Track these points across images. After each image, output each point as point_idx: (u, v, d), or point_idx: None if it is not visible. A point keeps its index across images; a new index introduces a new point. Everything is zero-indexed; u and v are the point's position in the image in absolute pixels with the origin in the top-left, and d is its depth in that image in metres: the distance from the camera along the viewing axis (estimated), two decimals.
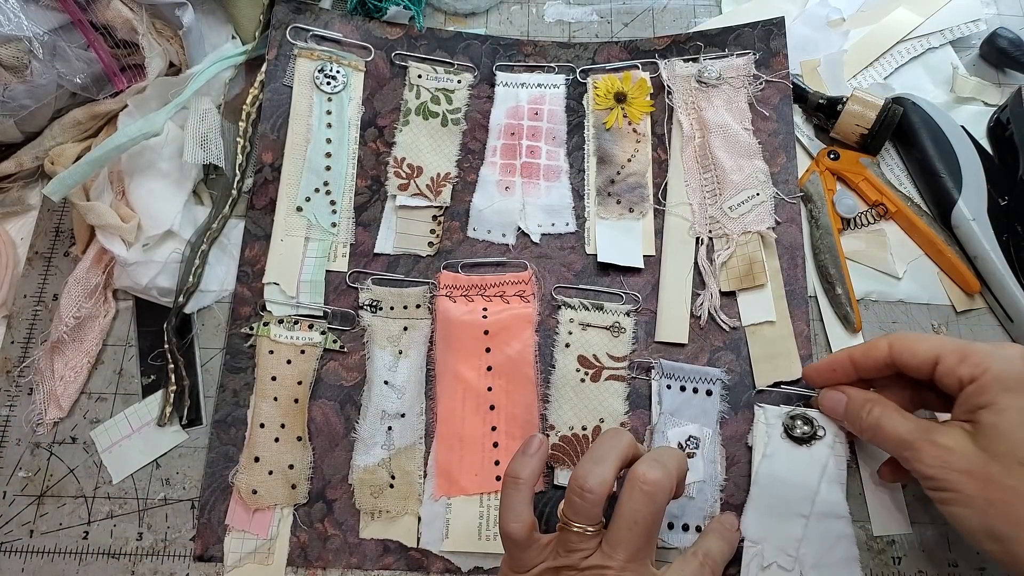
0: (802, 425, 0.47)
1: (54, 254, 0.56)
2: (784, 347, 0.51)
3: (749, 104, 0.57)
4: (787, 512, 0.46)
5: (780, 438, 0.48)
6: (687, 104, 0.57)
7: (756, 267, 0.52)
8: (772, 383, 0.50)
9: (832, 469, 0.47)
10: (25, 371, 0.53)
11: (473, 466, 0.50)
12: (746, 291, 0.53)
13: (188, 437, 0.51)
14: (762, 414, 0.49)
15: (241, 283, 0.54)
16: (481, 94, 0.59)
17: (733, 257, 0.53)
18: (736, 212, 0.54)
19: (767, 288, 0.52)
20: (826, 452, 0.47)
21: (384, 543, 0.48)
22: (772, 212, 0.54)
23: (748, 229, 0.53)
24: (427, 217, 0.56)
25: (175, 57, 0.57)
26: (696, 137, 0.56)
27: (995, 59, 0.61)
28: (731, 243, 0.53)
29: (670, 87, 0.58)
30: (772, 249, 0.53)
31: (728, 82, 0.57)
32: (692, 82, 0.58)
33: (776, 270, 0.53)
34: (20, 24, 0.51)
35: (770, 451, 0.48)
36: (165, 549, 0.49)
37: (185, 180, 0.55)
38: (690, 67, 0.58)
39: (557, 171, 0.57)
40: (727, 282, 0.53)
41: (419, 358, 0.52)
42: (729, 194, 0.54)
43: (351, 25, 0.60)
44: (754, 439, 0.48)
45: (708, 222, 0.54)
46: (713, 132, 0.56)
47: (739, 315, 0.52)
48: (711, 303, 0.52)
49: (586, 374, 0.51)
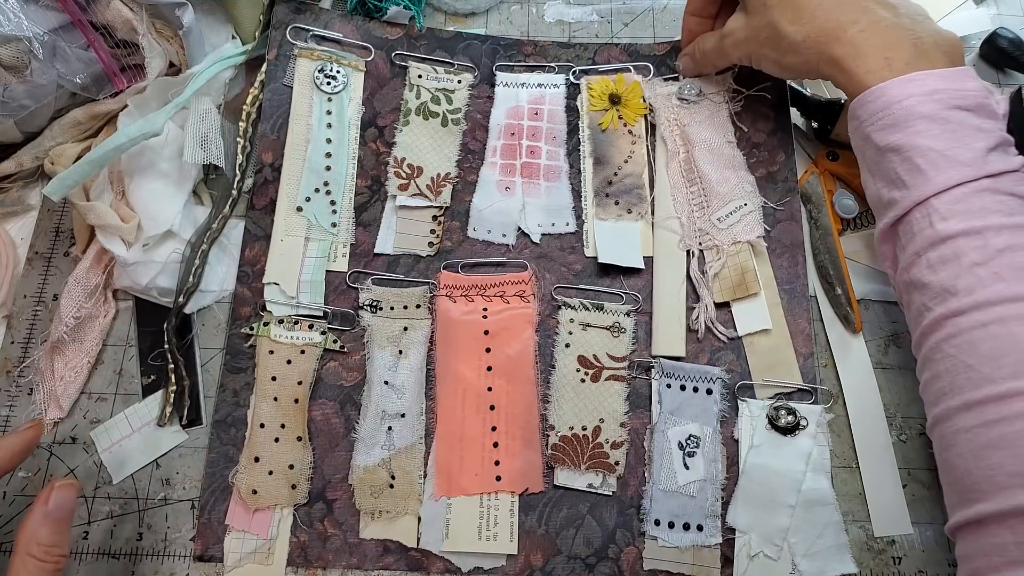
0: (786, 416, 0.49)
1: (54, 254, 0.56)
2: (782, 355, 0.51)
3: (731, 118, 0.57)
4: (774, 502, 0.47)
5: (765, 429, 0.49)
6: (669, 121, 0.57)
7: (748, 276, 0.52)
8: (773, 394, 0.51)
9: (816, 458, 0.48)
10: (25, 371, 0.53)
11: (473, 466, 0.50)
12: (740, 301, 0.53)
13: (188, 437, 0.51)
14: (746, 407, 0.50)
15: (241, 283, 0.54)
16: (481, 94, 0.59)
17: (725, 268, 0.53)
18: (725, 223, 0.54)
19: (761, 296, 0.52)
20: (809, 442, 0.49)
21: (384, 543, 0.48)
22: (761, 221, 0.54)
23: (738, 239, 0.53)
24: (427, 217, 0.56)
25: (175, 57, 0.57)
26: (680, 152, 0.56)
27: (995, 59, 0.61)
28: (722, 254, 0.53)
29: (652, 105, 0.58)
30: (764, 258, 0.53)
31: (709, 98, 0.57)
32: (673, 100, 0.58)
33: (769, 278, 0.53)
34: (20, 24, 0.51)
35: (756, 442, 0.49)
36: (165, 549, 0.49)
37: (185, 180, 0.55)
38: (670, 86, 0.58)
39: (557, 171, 0.57)
40: (720, 293, 0.53)
41: (419, 358, 0.52)
42: (716, 206, 0.54)
43: (351, 25, 0.60)
44: (740, 432, 0.49)
45: (697, 234, 0.54)
46: (697, 147, 0.56)
47: (735, 326, 0.52)
48: (707, 315, 0.52)
49: (586, 374, 0.51)
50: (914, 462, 0.50)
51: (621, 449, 0.49)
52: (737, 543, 0.47)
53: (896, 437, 0.50)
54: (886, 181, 0.44)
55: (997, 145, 0.41)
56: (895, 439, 0.50)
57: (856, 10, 0.45)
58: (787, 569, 0.46)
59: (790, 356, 0.51)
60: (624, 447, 0.50)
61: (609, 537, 0.48)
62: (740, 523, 0.47)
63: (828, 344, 0.53)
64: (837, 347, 0.52)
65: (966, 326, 0.39)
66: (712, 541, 0.47)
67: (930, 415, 0.41)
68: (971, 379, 0.38)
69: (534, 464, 0.50)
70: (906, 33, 0.44)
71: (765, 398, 0.50)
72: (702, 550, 0.47)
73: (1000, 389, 0.37)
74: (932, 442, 0.42)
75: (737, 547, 0.47)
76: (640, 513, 0.48)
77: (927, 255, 0.41)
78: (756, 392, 0.51)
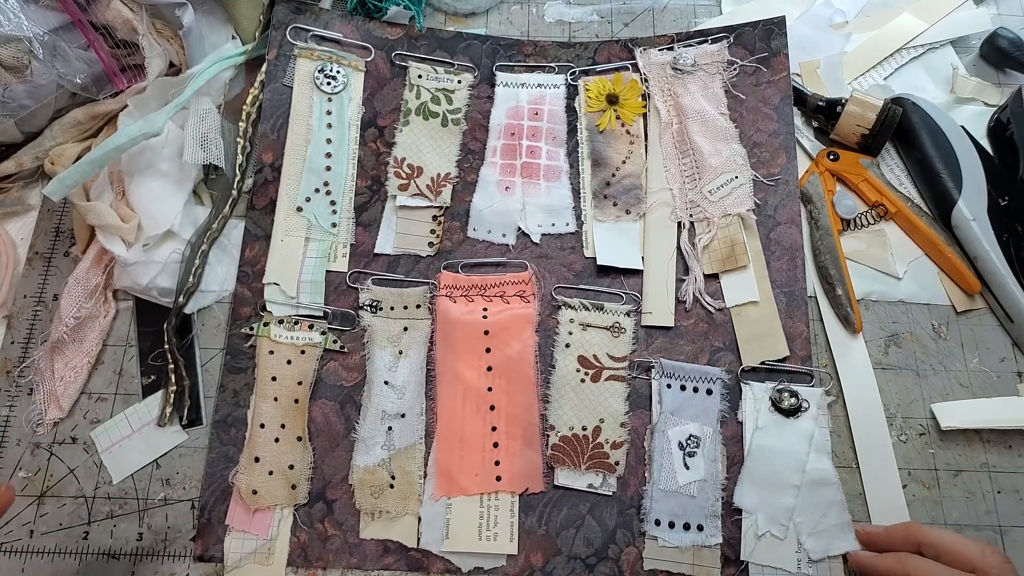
0: (788, 398, 0.50)
1: (54, 254, 0.56)
2: (769, 327, 0.52)
3: (725, 90, 0.57)
4: (779, 483, 0.48)
5: (768, 412, 0.50)
6: (663, 91, 0.58)
7: (738, 248, 0.53)
8: (759, 363, 0.51)
9: (818, 439, 0.49)
10: (25, 371, 0.53)
11: (473, 466, 0.50)
12: (729, 273, 0.53)
13: (188, 437, 0.51)
14: (749, 390, 0.50)
15: (241, 283, 0.54)
16: (481, 94, 0.59)
17: (715, 240, 0.54)
18: (716, 196, 0.54)
19: (749, 269, 0.53)
20: (811, 424, 0.49)
21: (384, 543, 0.48)
22: (751, 194, 0.54)
23: (728, 212, 0.54)
24: (427, 217, 0.56)
25: (175, 57, 0.57)
26: (673, 123, 0.57)
27: (995, 59, 0.61)
28: (712, 226, 0.54)
29: (646, 75, 0.58)
30: (753, 231, 0.54)
31: (703, 68, 0.58)
32: (667, 69, 0.58)
33: (758, 251, 0.53)
34: (20, 24, 0.51)
35: (761, 423, 0.49)
36: (165, 549, 0.49)
37: (185, 180, 0.55)
38: (665, 55, 0.59)
39: (557, 171, 0.57)
40: (710, 265, 0.53)
41: (419, 358, 0.52)
42: (708, 178, 0.55)
43: (351, 25, 0.60)
44: (744, 414, 0.50)
45: (689, 206, 0.55)
46: (690, 118, 0.56)
47: (723, 297, 0.53)
48: (695, 286, 0.53)
49: (586, 374, 0.51)
50: (914, 462, 0.50)
51: (621, 449, 0.49)
52: (744, 523, 0.47)
53: (896, 437, 0.50)
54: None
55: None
56: (895, 439, 0.50)
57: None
58: (793, 548, 0.47)
59: (776, 328, 0.52)
60: (624, 447, 0.50)
61: (609, 537, 0.48)
62: (746, 504, 0.48)
63: (828, 344, 0.53)
64: (837, 347, 0.52)
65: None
66: (712, 541, 0.47)
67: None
68: None
69: (534, 464, 0.50)
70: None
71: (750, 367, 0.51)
72: (702, 550, 0.47)
73: None
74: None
75: (744, 527, 0.47)
76: (640, 513, 0.48)
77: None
78: (743, 361, 0.51)
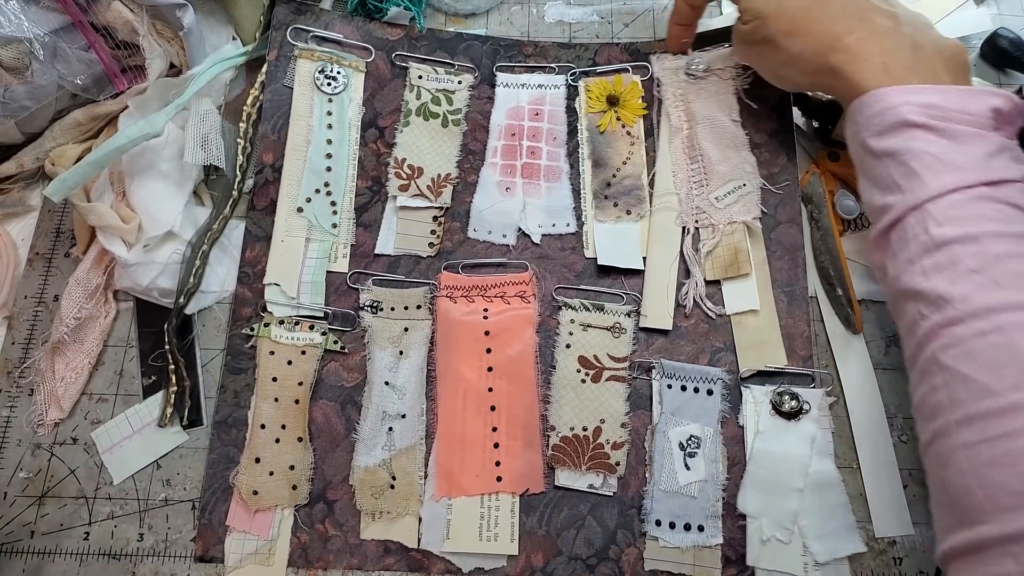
0: (789, 401, 0.49)
1: (55, 255, 0.56)
2: (769, 336, 0.52)
3: (737, 96, 0.57)
4: (783, 487, 0.47)
5: (769, 415, 0.49)
6: (676, 96, 0.58)
7: (741, 256, 0.52)
8: (757, 371, 0.51)
9: (820, 441, 0.49)
10: (26, 372, 0.53)
11: (474, 467, 0.50)
12: (731, 280, 0.53)
13: (189, 438, 0.51)
14: (749, 394, 0.50)
15: (242, 284, 0.54)
16: (482, 95, 0.59)
17: (719, 246, 0.53)
18: (723, 202, 0.54)
19: (752, 277, 0.53)
20: (813, 426, 0.49)
21: (385, 544, 0.48)
22: (758, 202, 0.54)
23: (734, 219, 0.54)
24: (428, 218, 0.56)
25: (176, 58, 0.57)
26: (684, 128, 0.57)
27: (995, 59, 0.61)
28: (717, 233, 0.54)
29: (659, 79, 0.58)
30: (758, 239, 0.54)
31: (716, 74, 0.57)
32: (681, 74, 0.58)
33: (762, 260, 0.53)
34: (21, 25, 0.51)
35: (762, 427, 0.49)
36: (166, 550, 0.49)
37: (186, 181, 0.55)
38: (679, 60, 0.58)
39: (558, 172, 0.57)
40: (712, 271, 0.53)
41: (420, 359, 0.52)
42: (716, 184, 0.54)
43: (352, 26, 0.60)
44: (745, 418, 0.50)
45: (695, 212, 0.55)
46: (701, 123, 0.56)
47: (724, 304, 0.53)
48: (696, 291, 0.53)
49: (587, 375, 0.51)
50: (914, 462, 0.50)
51: (622, 450, 0.49)
52: (748, 529, 0.47)
53: (896, 437, 0.50)
54: (881, 187, 0.42)
55: (998, 151, 0.40)
56: (896, 439, 0.50)
57: (854, 20, 0.45)
58: (799, 552, 0.46)
59: (776, 337, 0.51)
60: (625, 448, 0.50)
61: (610, 538, 0.48)
62: (750, 509, 0.47)
63: (828, 344, 0.53)
64: (838, 348, 0.52)
65: (964, 335, 0.37)
66: (713, 541, 0.47)
67: (926, 433, 0.38)
68: (971, 391, 0.36)
69: (535, 465, 0.50)
70: (906, 40, 0.44)
71: (750, 371, 0.50)
72: (703, 551, 0.47)
73: (1002, 402, 0.35)
74: (925, 464, 0.39)
75: (749, 532, 0.47)
76: (641, 514, 0.48)
77: (921, 262, 0.39)
78: (740, 368, 0.51)
